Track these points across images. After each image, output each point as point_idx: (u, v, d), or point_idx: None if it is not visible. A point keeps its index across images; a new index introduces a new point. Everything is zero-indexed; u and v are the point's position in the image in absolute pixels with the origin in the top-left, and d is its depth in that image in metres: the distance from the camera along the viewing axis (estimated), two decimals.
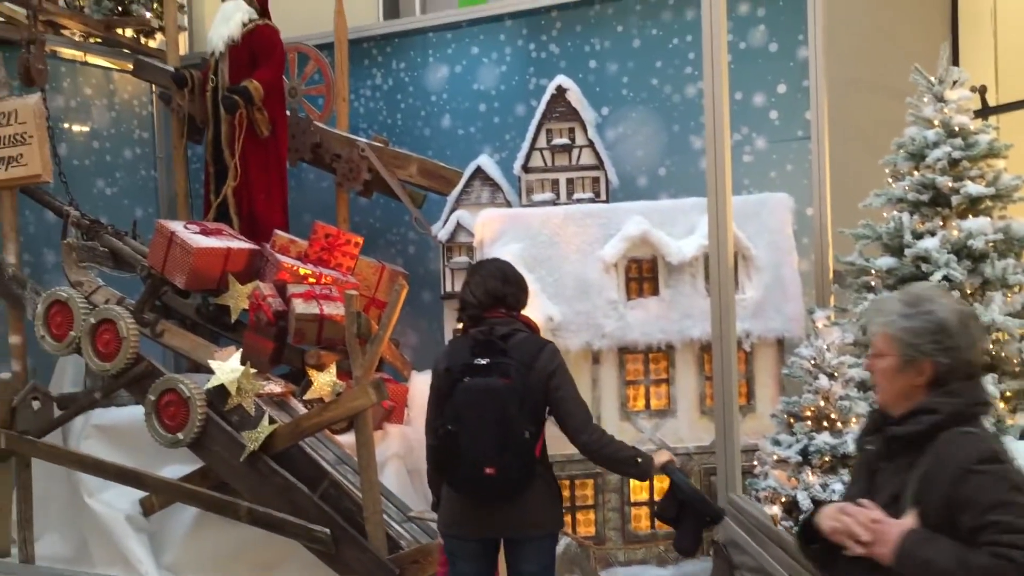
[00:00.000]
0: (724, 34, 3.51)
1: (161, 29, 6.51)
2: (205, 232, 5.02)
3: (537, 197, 5.09)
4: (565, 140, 5.06)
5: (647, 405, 4.51)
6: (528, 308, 3.43)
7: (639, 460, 3.04)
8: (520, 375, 3.01)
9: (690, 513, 2.94)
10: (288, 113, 5.76)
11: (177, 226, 4.95)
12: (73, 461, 4.81)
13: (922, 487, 2.00)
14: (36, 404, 4.88)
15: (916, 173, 3.85)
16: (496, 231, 4.60)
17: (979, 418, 2.10)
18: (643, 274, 4.50)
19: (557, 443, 3.14)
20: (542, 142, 5.09)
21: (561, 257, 4.48)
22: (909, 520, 1.95)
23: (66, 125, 6.11)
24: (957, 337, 2.08)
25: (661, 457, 3.09)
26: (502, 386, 3.00)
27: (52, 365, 5.57)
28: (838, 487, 3.43)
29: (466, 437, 2.99)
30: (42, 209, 5.63)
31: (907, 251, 3.73)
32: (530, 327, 3.29)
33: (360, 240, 5.27)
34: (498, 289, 3.19)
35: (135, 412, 4.70)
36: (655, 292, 4.48)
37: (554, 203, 5.02)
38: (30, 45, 5.16)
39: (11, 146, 4.95)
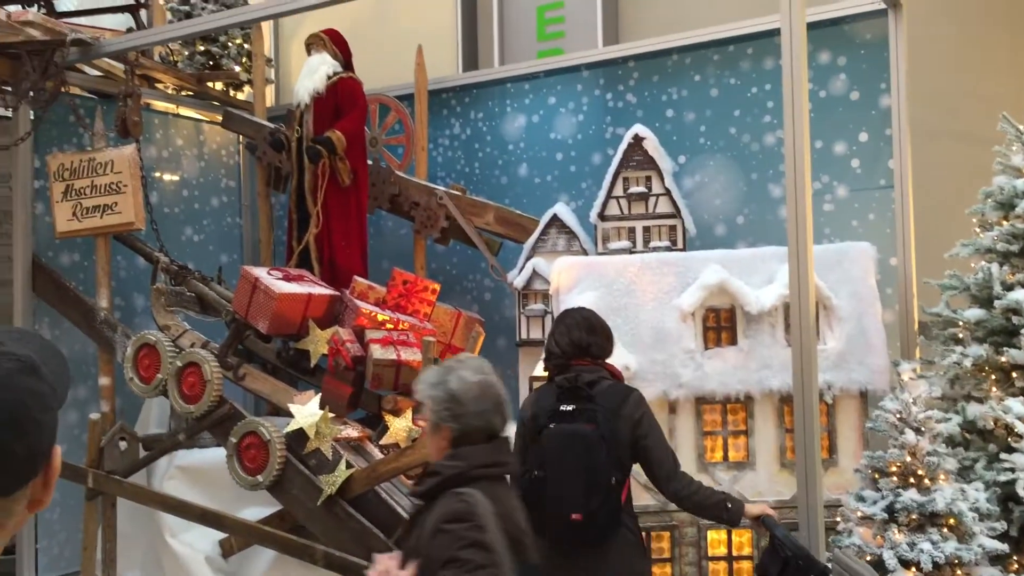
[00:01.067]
0: (805, 83, 3.49)
1: (249, 82, 6.74)
2: (287, 278, 5.14)
3: (613, 245, 5.09)
4: (642, 188, 5.07)
5: (725, 457, 4.42)
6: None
7: (729, 505, 3.02)
8: (606, 421, 3.02)
9: (793, 570, 2.85)
10: (369, 162, 5.89)
11: (261, 272, 5.08)
12: (156, 501, 4.92)
13: (419, 542, 2.30)
14: (123, 444, 5.02)
15: (1005, 223, 3.75)
16: (572, 279, 4.61)
17: (484, 480, 2.35)
18: (721, 323, 4.45)
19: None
20: (619, 190, 5.11)
21: (637, 305, 4.46)
22: (409, 571, 2.23)
23: (158, 174, 6.34)
24: (468, 405, 2.37)
25: (757, 509, 3.04)
26: (588, 432, 3.02)
27: (139, 406, 5.74)
28: (926, 546, 3.31)
29: (552, 483, 3.00)
30: (133, 255, 5.83)
31: (997, 303, 3.63)
32: (614, 375, 3.30)
33: (437, 287, 5.33)
34: (583, 339, 3.23)
35: (217, 454, 4.80)
36: (733, 342, 4.42)
37: (630, 251, 5.01)
38: (127, 99, 5.40)
39: (107, 195, 5.17)
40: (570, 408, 3.09)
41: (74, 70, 5.56)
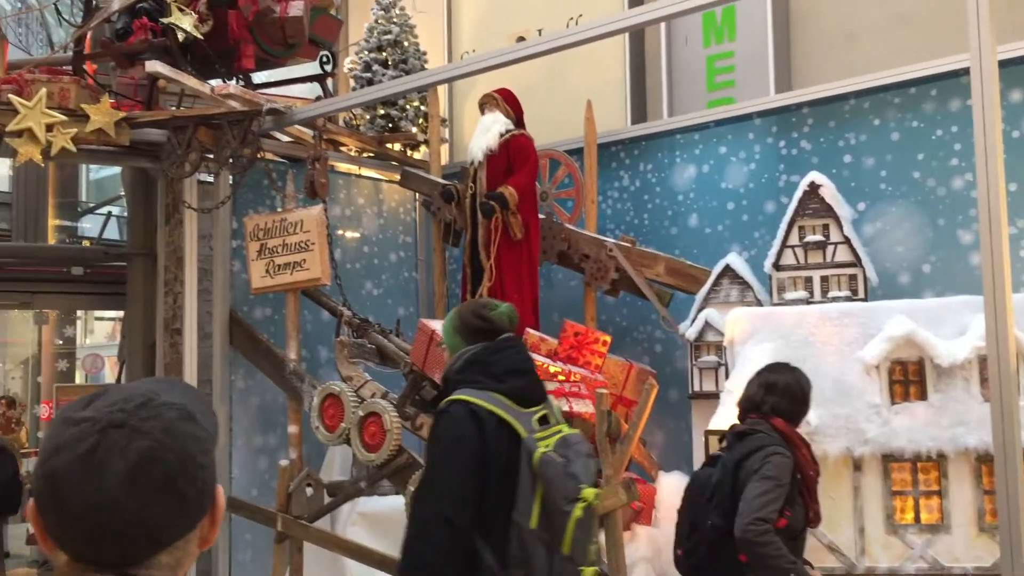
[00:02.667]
0: (998, 123, 3.32)
1: (425, 142, 7.03)
2: None
3: (790, 295, 4.95)
4: (819, 237, 4.93)
5: (916, 519, 4.18)
6: None
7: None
8: (726, 468, 3.20)
9: None
10: (542, 216, 6.01)
11: (437, 325, 5.23)
12: (340, 546, 5.10)
13: None
14: (309, 490, 5.25)
15: None
16: (747, 330, 4.52)
17: None
18: (908, 377, 4.24)
19: None
20: (794, 239, 4.98)
21: (817, 358, 4.31)
22: None
23: (341, 232, 6.68)
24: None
25: None
26: (705, 474, 3.32)
27: (323, 454, 6.00)
28: None
29: (677, 518, 3.44)
30: (318, 308, 6.14)
31: None
32: (782, 433, 3.28)
33: (608, 339, 5.33)
34: (756, 395, 3.28)
35: (396, 502, 4.95)
36: (922, 396, 4.20)
37: (808, 302, 4.86)
38: (315, 162, 5.73)
39: (296, 252, 5.50)
40: (716, 454, 3.40)
41: (268, 137, 5.97)
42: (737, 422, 3.45)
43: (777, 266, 5.02)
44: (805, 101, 5.57)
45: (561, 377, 5.03)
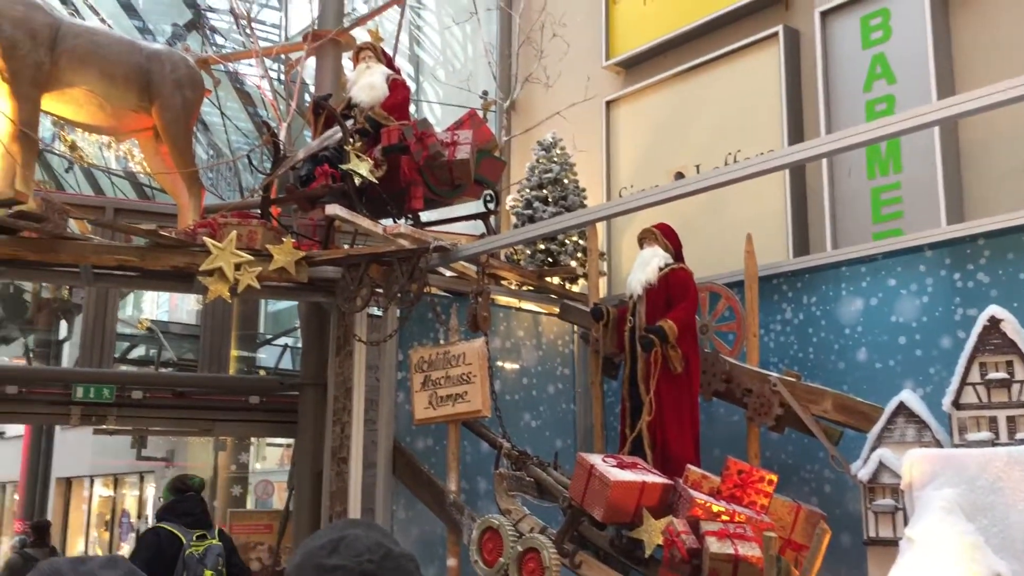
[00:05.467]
0: None
1: (584, 275, 7.15)
2: (621, 465, 5.21)
3: (972, 436, 4.64)
4: (1002, 374, 4.63)
5: None
6: (970, 560, 3.17)
7: None
8: None
9: None
10: (707, 351, 5.94)
11: (596, 459, 5.19)
12: None
13: None
14: None
15: None
16: (926, 473, 4.26)
17: None
18: None
19: None
20: (975, 376, 4.70)
21: (1006, 505, 3.99)
22: None
23: (500, 364, 6.81)
24: None
25: None
26: None
27: None
28: None
29: None
30: (477, 440, 6.21)
31: None
32: None
33: (774, 477, 5.13)
34: None
35: None
36: None
37: (993, 443, 4.54)
38: (478, 296, 5.93)
39: (459, 384, 5.63)
40: None
41: (434, 272, 6.23)
42: None
43: (957, 405, 4.73)
44: (981, 232, 5.35)
45: (725, 517, 4.85)
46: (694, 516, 4.83)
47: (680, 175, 7.56)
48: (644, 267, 6.00)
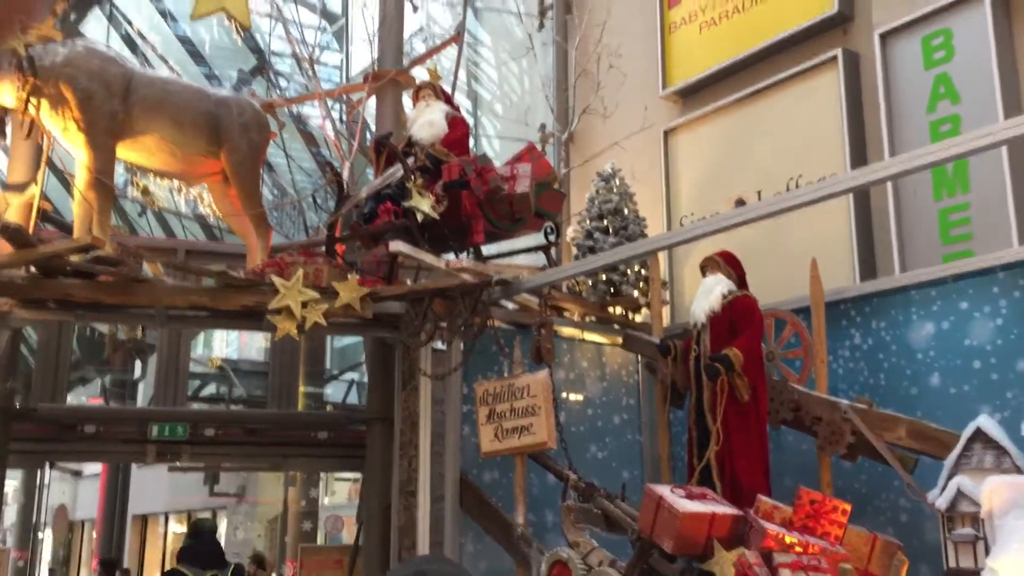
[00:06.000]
0: None
1: (647, 305, 7.12)
2: (690, 496, 5.15)
3: None
4: None
5: None
6: None
7: None
8: None
9: None
10: (775, 378, 5.86)
11: (664, 490, 5.14)
12: None
13: None
14: None
15: None
16: (1008, 500, 4.15)
17: None
18: None
19: None
20: None
21: None
22: None
23: (565, 395, 6.80)
24: None
25: None
26: None
27: None
28: None
29: None
30: (544, 472, 6.20)
31: None
32: None
33: (848, 507, 5.01)
34: None
35: None
36: None
37: None
38: (541, 328, 5.95)
39: (524, 416, 5.64)
40: None
41: (496, 305, 6.27)
42: None
43: None
44: None
45: (799, 548, 4.76)
46: (767, 548, 4.75)
47: (741, 202, 7.50)
48: (707, 295, 5.96)
